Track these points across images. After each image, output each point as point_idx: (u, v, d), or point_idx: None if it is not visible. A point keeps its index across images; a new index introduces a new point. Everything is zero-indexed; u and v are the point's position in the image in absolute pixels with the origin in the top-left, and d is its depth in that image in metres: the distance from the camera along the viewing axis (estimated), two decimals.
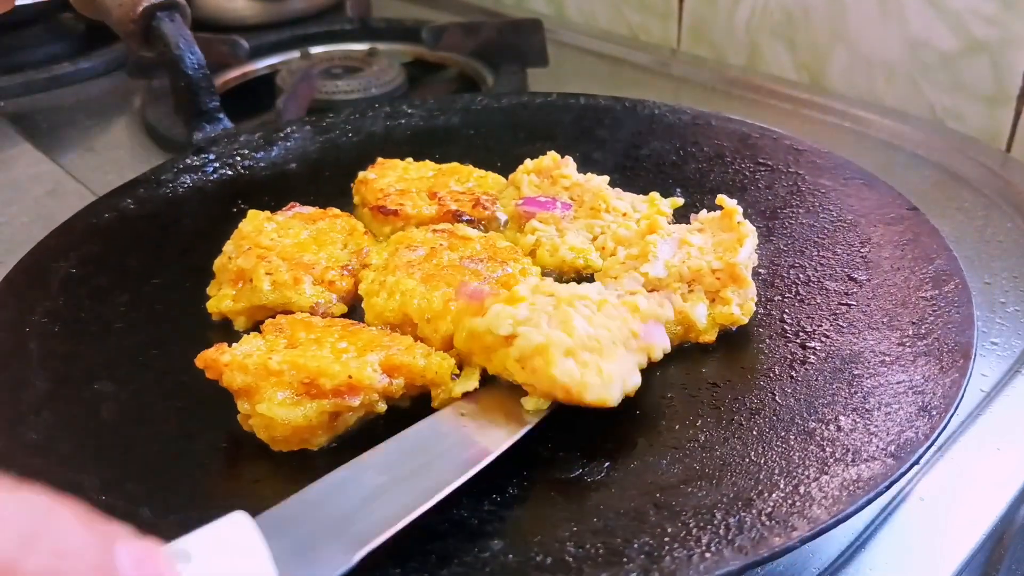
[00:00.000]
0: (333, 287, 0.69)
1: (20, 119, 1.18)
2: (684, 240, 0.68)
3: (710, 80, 1.23)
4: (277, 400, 0.55)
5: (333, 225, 0.76)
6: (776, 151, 0.86)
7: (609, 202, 0.76)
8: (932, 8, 1.06)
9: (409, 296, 0.65)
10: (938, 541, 0.56)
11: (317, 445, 0.56)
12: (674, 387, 0.61)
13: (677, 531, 0.48)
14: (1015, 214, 0.88)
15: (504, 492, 0.52)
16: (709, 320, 0.64)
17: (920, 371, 0.57)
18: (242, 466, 0.57)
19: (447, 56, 1.31)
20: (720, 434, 0.56)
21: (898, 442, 0.51)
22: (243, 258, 0.70)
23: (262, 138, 0.93)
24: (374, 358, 0.57)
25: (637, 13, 1.41)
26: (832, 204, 0.78)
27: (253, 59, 1.29)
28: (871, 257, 0.70)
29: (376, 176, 0.82)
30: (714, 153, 0.88)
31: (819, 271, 0.70)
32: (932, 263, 0.67)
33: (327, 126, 0.96)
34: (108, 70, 1.32)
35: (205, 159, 0.89)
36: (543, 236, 0.73)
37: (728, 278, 0.65)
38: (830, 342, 0.62)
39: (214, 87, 0.92)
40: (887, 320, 0.63)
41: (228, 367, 0.56)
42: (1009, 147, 1.05)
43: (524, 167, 0.80)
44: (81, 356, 0.65)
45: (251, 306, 0.68)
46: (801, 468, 0.51)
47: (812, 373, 0.60)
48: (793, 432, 0.55)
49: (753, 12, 1.25)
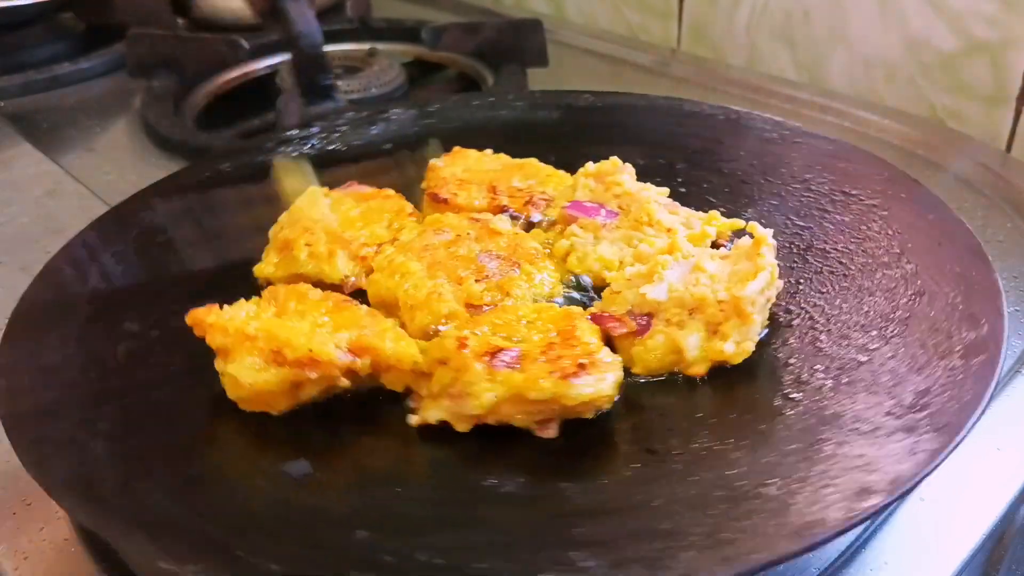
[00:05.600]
0: (364, 263, 0.71)
1: (20, 119, 1.17)
2: (698, 265, 0.63)
3: (710, 80, 1.23)
4: (246, 363, 0.57)
5: (383, 205, 0.78)
6: (866, 178, 0.77)
7: (653, 215, 0.72)
8: (932, 8, 1.06)
9: (404, 280, 0.66)
10: (938, 541, 0.56)
11: (278, 410, 0.59)
12: (630, 415, 0.58)
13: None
14: (1015, 214, 0.88)
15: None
16: (700, 353, 0.60)
17: (887, 447, 0.51)
18: (214, 420, 0.60)
19: (447, 56, 1.31)
20: (646, 472, 0.53)
21: (804, 523, 0.46)
22: (289, 228, 0.74)
23: (367, 117, 0.96)
24: (344, 336, 0.59)
25: (637, 13, 1.41)
26: (898, 245, 0.69)
27: (253, 59, 1.29)
28: (916, 312, 0.62)
29: (445, 164, 0.83)
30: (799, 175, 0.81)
31: (850, 318, 0.63)
32: (976, 329, 0.58)
33: (432, 111, 0.98)
34: (108, 70, 1.32)
35: (308, 132, 0.93)
36: (578, 242, 0.72)
37: (732, 312, 0.60)
38: (820, 399, 0.56)
39: (329, 66, 1.01)
40: (892, 384, 0.56)
41: (211, 327, 0.59)
42: (1009, 147, 1.05)
43: (584, 170, 0.78)
44: (121, 299, 0.70)
45: (289, 274, 0.71)
46: (694, 527, 0.48)
47: (778, 428, 0.55)
48: (718, 488, 0.50)
49: (753, 12, 1.25)
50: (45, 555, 0.56)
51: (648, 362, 0.60)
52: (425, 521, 0.51)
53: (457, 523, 0.51)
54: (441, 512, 0.52)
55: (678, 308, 0.61)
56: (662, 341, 0.60)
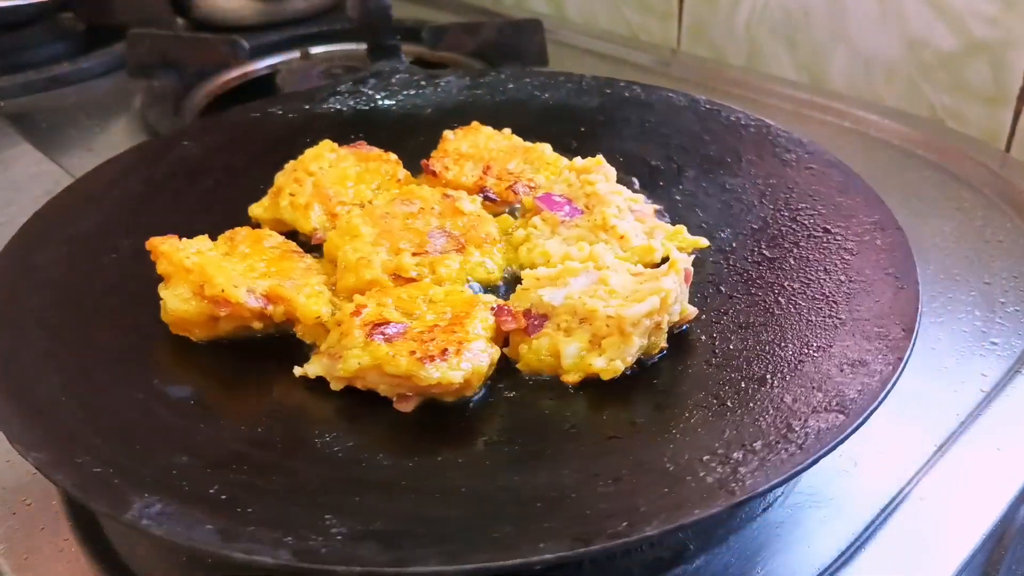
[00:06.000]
0: (335, 219, 0.75)
1: (20, 119, 1.17)
2: (603, 278, 0.63)
3: (710, 80, 1.23)
4: (177, 292, 0.64)
5: (379, 168, 0.82)
6: (853, 218, 0.73)
7: (607, 220, 0.72)
8: (932, 8, 1.06)
9: (347, 240, 0.69)
10: (938, 541, 0.56)
11: (197, 338, 0.65)
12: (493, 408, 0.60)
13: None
14: (1015, 214, 0.88)
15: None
16: (575, 362, 0.60)
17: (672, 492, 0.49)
18: (141, 338, 0.66)
19: (447, 56, 1.31)
20: (458, 461, 0.55)
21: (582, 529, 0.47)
22: (283, 174, 0.79)
23: (422, 79, 0.99)
24: (263, 284, 0.65)
25: (637, 13, 1.41)
26: (843, 298, 0.65)
27: (253, 59, 1.29)
28: (805, 368, 0.58)
29: (456, 137, 0.85)
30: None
31: (750, 365, 0.60)
32: (854, 392, 0.54)
33: (483, 83, 1.00)
34: (108, 70, 1.32)
35: (357, 88, 0.97)
36: (533, 233, 0.73)
37: (616, 329, 0.59)
38: (656, 432, 0.55)
39: (393, 27, 1.09)
40: (727, 439, 0.53)
41: (161, 255, 0.66)
42: (1009, 147, 1.05)
43: (570, 164, 0.79)
44: (135, 219, 0.77)
45: (272, 218, 0.77)
46: (457, 520, 0.49)
47: (587, 448, 0.55)
48: (501, 491, 0.51)
49: (753, 12, 1.25)
50: (45, 555, 0.56)
51: (530, 362, 0.62)
52: (239, 458, 0.54)
53: (263, 468, 0.53)
54: (260, 456, 0.55)
55: (569, 315, 0.62)
56: (546, 344, 0.61)
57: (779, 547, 0.56)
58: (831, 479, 0.60)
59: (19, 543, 0.57)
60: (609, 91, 0.97)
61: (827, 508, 0.58)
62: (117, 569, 0.55)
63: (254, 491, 0.51)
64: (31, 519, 0.59)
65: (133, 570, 0.55)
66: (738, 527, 0.57)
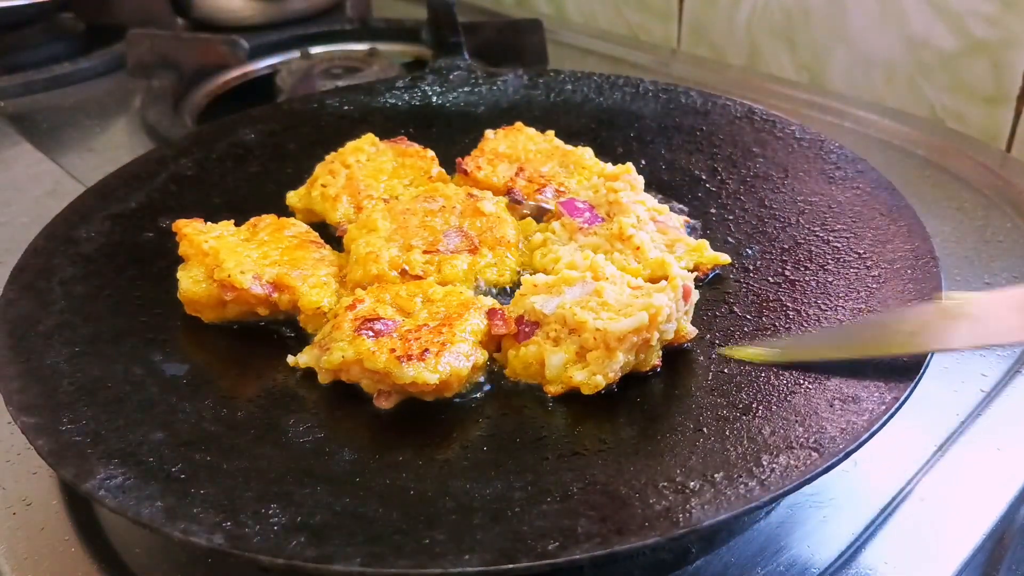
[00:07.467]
0: (360, 212, 0.76)
1: (20, 119, 1.17)
2: (598, 290, 0.62)
3: (710, 80, 1.23)
4: (191, 273, 0.67)
5: (415, 164, 0.82)
6: (884, 242, 0.70)
7: (624, 231, 0.70)
8: (932, 8, 1.06)
9: (363, 233, 0.70)
10: (938, 541, 0.56)
11: (207, 319, 0.67)
12: (474, 412, 0.59)
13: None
14: (1015, 214, 0.88)
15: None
16: (557, 373, 0.59)
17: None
18: (152, 314, 0.68)
19: None
20: (423, 463, 0.54)
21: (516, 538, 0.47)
22: (322, 165, 0.81)
23: (480, 76, 1.00)
24: (272, 272, 0.66)
25: (637, 13, 1.41)
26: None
27: (253, 59, 1.29)
28: (788, 411, 0.56)
29: (496, 137, 0.85)
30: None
31: (739, 393, 0.58)
32: (834, 424, 0.53)
33: (540, 83, 1.00)
34: (108, 70, 1.32)
35: (415, 84, 0.99)
36: (551, 238, 0.73)
37: (601, 342, 0.59)
38: (617, 454, 0.54)
39: (458, 24, 1.11)
40: (687, 467, 0.51)
41: (183, 237, 0.69)
42: (1009, 147, 1.05)
43: (600, 170, 0.79)
44: (183, 197, 0.81)
45: (305, 207, 0.79)
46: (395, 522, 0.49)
47: (556, 464, 0.54)
48: (445, 496, 0.51)
49: (753, 12, 1.25)
50: (45, 555, 0.56)
51: (516, 368, 0.62)
52: (210, 438, 0.55)
53: (230, 451, 0.54)
54: (231, 439, 0.56)
55: (559, 325, 0.61)
56: (534, 351, 0.61)
57: (779, 547, 0.56)
58: (831, 479, 0.59)
59: (19, 543, 0.57)
60: (665, 96, 0.96)
61: (827, 508, 0.58)
62: (117, 569, 0.55)
63: (213, 472, 0.52)
64: (31, 519, 0.59)
65: (133, 570, 0.55)
66: (740, 528, 0.57)
